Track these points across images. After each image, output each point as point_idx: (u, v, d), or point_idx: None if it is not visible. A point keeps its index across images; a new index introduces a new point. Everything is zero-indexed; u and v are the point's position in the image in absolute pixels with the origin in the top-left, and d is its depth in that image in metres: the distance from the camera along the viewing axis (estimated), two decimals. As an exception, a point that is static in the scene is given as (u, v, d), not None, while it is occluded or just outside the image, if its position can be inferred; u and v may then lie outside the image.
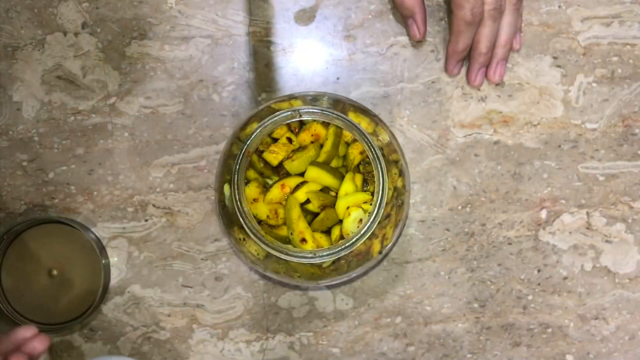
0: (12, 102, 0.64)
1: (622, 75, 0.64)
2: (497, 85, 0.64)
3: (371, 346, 0.64)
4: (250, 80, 0.64)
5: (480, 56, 0.61)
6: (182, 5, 0.64)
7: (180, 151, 0.64)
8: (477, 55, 0.61)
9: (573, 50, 0.64)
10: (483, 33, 0.59)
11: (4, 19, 0.64)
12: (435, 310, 0.64)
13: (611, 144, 0.64)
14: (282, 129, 0.55)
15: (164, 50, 0.64)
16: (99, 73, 0.64)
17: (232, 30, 0.64)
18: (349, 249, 0.51)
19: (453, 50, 0.61)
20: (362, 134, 0.51)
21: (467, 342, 0.64)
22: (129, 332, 0.64)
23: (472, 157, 0.64)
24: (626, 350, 0.64)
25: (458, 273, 0.64)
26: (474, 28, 0.59)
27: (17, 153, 0.64)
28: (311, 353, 0.64)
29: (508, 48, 0.62)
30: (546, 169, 0.64)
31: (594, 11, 0.64)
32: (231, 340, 0.64)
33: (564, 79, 0.64)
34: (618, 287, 0.64)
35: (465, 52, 0.61)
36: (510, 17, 0.60)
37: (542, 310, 0.64)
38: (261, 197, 0.54)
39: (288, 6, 0.64)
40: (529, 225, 0.64)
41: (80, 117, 0.64)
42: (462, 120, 0.64)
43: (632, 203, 0.64)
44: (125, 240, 0.64)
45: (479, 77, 0.62)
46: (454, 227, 0.64)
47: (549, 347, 0.64)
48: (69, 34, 0.64)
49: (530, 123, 0.64)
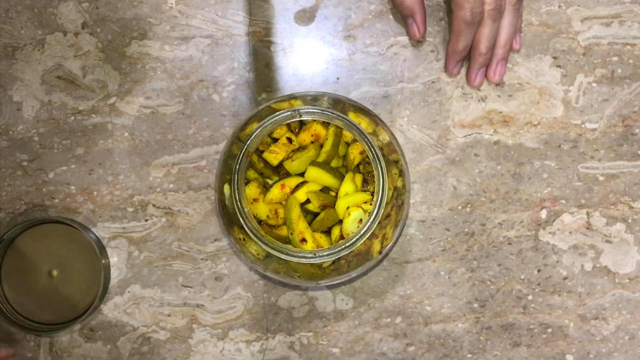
0: (12, 102, 0.64)
1: (622, 75, 0.64)
2: (497, 85, 0.64)
3: (371, 346, 0.64)
4: (250, 80, 0.64)
5: (480, 56, 0.61)
6: (182, 5, 0.64)
7: (180, 151, 0.64)
8: (477, 55, 0.61)
9: (573, 50, 0.64)
10: (483, 33, 0.59)
11: (4, 19, 0.64)
12: (435, 310, 0.64)
13: (611, 144, 0.64)
14: (282, 129, 0.55)
15: (164, 50, 0.64)
16: (99, 73, 0.64)
17: (232, 30, 0.64)
18: (349, 249, 0.51)
19: (453, 50, 0.61)
20: (362, 134, 0.51)
21: (467, 342, 0.64)
22: (129, 332, 0.64)
23: (472, 157, 0.64)
24: (626, 350, 0.64)
25: (458, 273, 0.64)
26: (474, 28, 0.59)
27: (17, 153, 0.64)
28: (311, 353, 0.64)
29: (508, 48, 0.62)
30: (546, 169, 0.64)
31: (594, 11, 0.64)
32: (231, 340, 0.64)
33: (564, 79, 0.64)
34: (618, 287, 0.64)
35: (465, 52, 0.61)
36: (510, 17, 0.60)
37: (542, 310, 0.64)
38: (261, 197, 0.54)
39: (288, 6, 0.64)
40: (529, 225, 0.64)
41: (80, 117, 0.64)
42: (462, 120, 0.64)
43: (632, 203, 0.64)
44: (125, 240, 0.64)
45: (478, 77, 0.62)
46: (454, 227, 0.64)
47: (549, 347, 0.64)
48: (69, 34, 0.64)
49: (530, 123, 0.64)
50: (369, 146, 0.51)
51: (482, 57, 0.61)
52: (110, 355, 0.64)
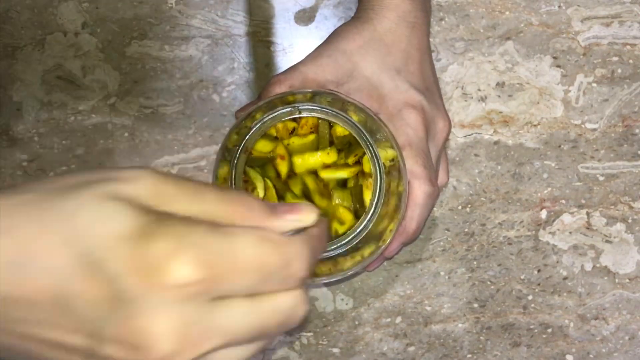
0: (12, 102, 0.64)
1: (622, 75, 0.64)
2: (497, 85, 0.64)
3: (371, 346, 0.64)
4: (250, 80, 0.64)
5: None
6: (182, 5, 0.64)
7: (180, 151, 0.64)
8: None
9: (573, 50, 0.64)
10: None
11: (4, 19, 0.64)
12: (435, 310, 0.64)
13: (611, 144, 0.64)
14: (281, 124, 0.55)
15: (164, 50, 0.64)
16: (99, 73, 0.64)
17: (232, 30, 0.64)
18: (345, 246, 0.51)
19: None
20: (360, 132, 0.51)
21: (467, 342, 0.64)
22: (129, 332, 0.64)
23: (472, 157, 0.64)
24: (626, 351, 0.64)
25: (458, 273, 0.64)
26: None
27: (17, 153, 0.64)
28: (311, 353, 0.64)
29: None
30: (546, 169, 0.64)
31: (594, 11, 0.64)
32: (231, 340, 0.64)
33: (564, 79, 0.64)
34: (618, 287, 0.64)
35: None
36: None
37: (542, 310, 0.64)
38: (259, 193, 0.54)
39: (288, 6, 0.64)
40: (529, 225, 0.64)
41: (80, 117, 0.64)
42: (462, 120, 0.64)
43: (632, 203, 0.64)
44: (125, 240, 0.64)
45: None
46: (454, 227, 0.64)
47: (549, 347, 0.64)
48: (69, 34, 0.64)
49: (530, 123, 0.64)
50: (367, 144, 0.51)
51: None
52: (110, 355, 0.64)
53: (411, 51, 0.55)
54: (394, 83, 0.55)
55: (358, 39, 0.55)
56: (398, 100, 0.54)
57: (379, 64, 0.54)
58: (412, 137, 0.53)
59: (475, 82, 0.64)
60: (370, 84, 0.55)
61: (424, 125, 0.54)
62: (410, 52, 0.55)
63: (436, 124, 0.56)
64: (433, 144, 0.56)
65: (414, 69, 0.55)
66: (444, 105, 0.58)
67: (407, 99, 0.54)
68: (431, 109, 0.55)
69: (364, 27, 0.55)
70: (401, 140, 0.53)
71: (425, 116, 0.54)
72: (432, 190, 0.54)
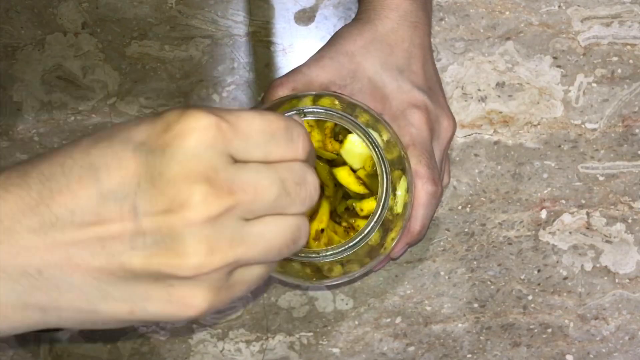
0: (12, 102, 0.64)
1: (622, 75, 0.64)
2: (497, 85, 0.64)
3: (371, 346, 0.64)
4: (250, 80, 0.64)
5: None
6: (182, 5, 0.64)
7: (180, 151, 0.64)
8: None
9: (573, 50, 0.64)
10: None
11: (4, 19, 0.64)
12: (435, 310, 0.64)
13: (611, 144, 0.64)
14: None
15: (164, 50, 0.64)
16: (99, 73, 0.64)
17: (232, 30, 0.64)
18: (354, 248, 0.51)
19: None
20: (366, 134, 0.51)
21: (467, 342, 0.64)
22: (129, 332, 0.64)
23: (472, 157, 0.64)
24: (626, 350, 0.64)
25: (458, 273, 0.64)
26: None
27: (17, 153, 0.64)
28: (311, 353, 0.64)
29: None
30: (546, 169, 0.64)
31: (594, 11, 0.64)
32: (231, 340, 0.64)
33: (564, 79, 0.64)
34: (618, 287, 0.64)
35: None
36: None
37: (542, 310, 0.64)
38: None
39: (288, 6, 0.64)
40: (529, 225, 0.64)
41: (80, 117, 0.64)
42: (462, 120, 0.64)
43: (632, 203, 0.64)
44: (125, 240, 0.64)
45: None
46: (454, 227, 0.64)
47: (549, 347, 0.64)
48: (69, 34, 0.64)
49: (530, 123, 0.64)
50: (373, 146, 0.51)
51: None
52: (111, 355, 0.64)
53: (413, 51, 0.55)
54: (397, 83, 0.55)
55: (360, 40, 0.55)
56: (401, 100, 0.54)
57: (382, 65, 0.55)
58: (415, 137, 0.53)
59: (475, 82, 0.64)
60: (373, 85, 0.55)
61: (427, 125, 0.54)
62: (412, 52, 0.55)
63: (440, 123, 0.56)
64: (437, 144, 0.56)
65: (417, 69, 0.55)
66: (447, 105, 0.58)
67: (410, 99, 0.54)
68: (435, 109, 0.55)
69: (365, 28, 0.55)
70: (405, 141, 0.53)
71: (429, 116, 0.54)
72: (436, 190, 0.54)
